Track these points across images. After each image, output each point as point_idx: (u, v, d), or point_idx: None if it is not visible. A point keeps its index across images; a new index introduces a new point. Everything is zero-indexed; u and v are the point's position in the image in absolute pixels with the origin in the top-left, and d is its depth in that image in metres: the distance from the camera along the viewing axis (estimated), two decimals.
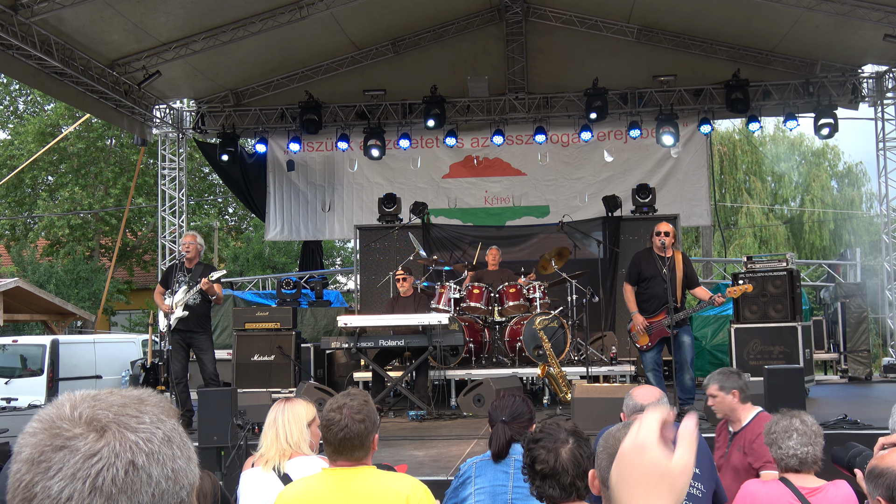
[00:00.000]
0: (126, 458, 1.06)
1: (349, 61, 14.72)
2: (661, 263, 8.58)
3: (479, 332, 10.93)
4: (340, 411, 3.17)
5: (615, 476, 1.20)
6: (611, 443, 2.47)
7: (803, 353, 9.94)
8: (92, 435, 1.06)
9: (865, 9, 11.67)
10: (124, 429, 1.08)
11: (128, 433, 1.08)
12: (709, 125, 14.44)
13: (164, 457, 1.10)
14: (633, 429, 1.21)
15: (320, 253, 18.39)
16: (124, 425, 1.08)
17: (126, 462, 1.06)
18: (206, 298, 9.10)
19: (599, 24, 13.85)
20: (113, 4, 11.07)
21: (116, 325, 29.76)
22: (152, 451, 1.08)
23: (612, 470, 1.21)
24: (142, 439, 1.08)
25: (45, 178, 28.84)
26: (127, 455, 1.06)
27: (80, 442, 1.05)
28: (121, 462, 1.05)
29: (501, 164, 15.53)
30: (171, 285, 9.16)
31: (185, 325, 9.00)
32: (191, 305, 9.00)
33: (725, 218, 27.16)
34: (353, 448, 3.15)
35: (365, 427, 3.15)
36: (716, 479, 3.93)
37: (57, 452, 1.05)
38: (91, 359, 15.44)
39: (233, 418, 6.61)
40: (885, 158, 14.21)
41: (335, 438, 3.16)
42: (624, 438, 1.21)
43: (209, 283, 8.87)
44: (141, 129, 14.47)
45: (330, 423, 3.17)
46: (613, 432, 2.53)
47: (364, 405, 3.22)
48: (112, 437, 1.07)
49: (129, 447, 1.07)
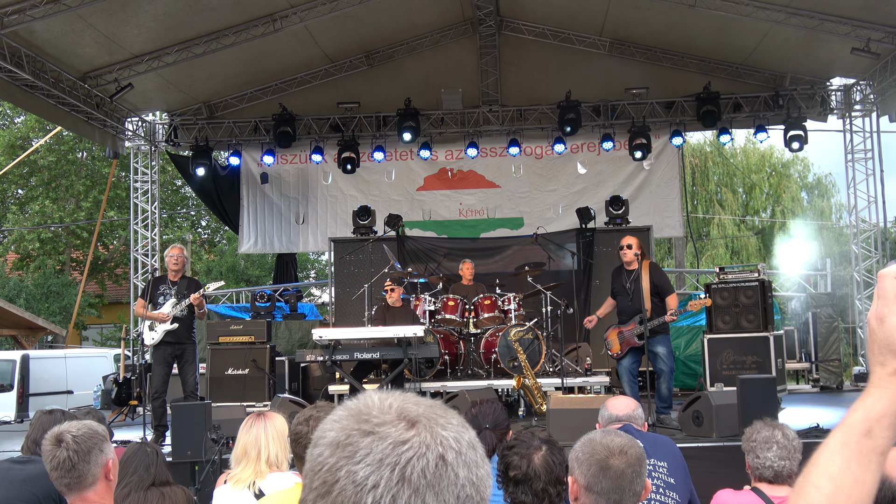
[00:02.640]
0: (437, 451, 1.02)
1: (323, 74, 14.71)
2: (626, 276, 8.78)
3: (455, 344, 10.93)
4: (308, 424, 3.13)
5: (868, 347, 1.31)
6: (592, 449, 2.48)
7: (775, 362, 10.04)
8: (402, 424, 1.03)
9: (833, 23, 11.85)
10: (435, 424, 1.05)
11: (438, 429, 1.04)
12: (680, 137, 14.59)
13: (470, 461, 1.05)
14: (873, 300, 1.29)
15: (294, 266, 18.32)
16: (435, 421, 1.05)
17: (437, 455, 1.02)
18: (192, 311, 9.03)
19: (572, 37, 13.95)
20: (85, 17, 10.99)
21: (88, 340, 29.44)
22: (461, 451, 1.04)
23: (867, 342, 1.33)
24: (452, 437, 1.04)
25: (15, 191, 28.54)
26: (438, 448, 1.02)
27: (390, 429, 1.02)
28: (432, 454, 1.01)
29: (475, 176, 15.57)
30: (155, 298, 9.04)
31: (174, 338, 8.90)
32: (178, 318, 8.92)
33: (697, 229, 27.38)
34: None
35: None
36: (691, 488, 3.96)
37: (365, 437, 1.01)
38: (62, 374, 15.27)
39: (207, 433, 6.56)
40: (853, 170, 14.42)
41: (304, 452, 3.11)
42: None
43: (199, 297, 8.82)
44: (113, 141, 14.37)
45: (298, 436, 3.13)
46: (596, 438, 2.56)
47: None
48: (423, 429, 1.03)
49: (440, 441, 1.03)
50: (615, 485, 2.48)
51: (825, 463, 1.26)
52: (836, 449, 1.25)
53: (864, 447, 1.24)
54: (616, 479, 2.49)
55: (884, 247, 14.21)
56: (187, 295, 8.85)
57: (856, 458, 1.23)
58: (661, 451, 3.89)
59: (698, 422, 7.69)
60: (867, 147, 14.34)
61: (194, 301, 8.79)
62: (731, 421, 7.39)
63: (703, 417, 7.65)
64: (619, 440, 2.58)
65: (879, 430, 1.24)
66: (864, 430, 1.24)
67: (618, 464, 2.51)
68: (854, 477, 1.23)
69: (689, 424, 7.81)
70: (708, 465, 6.52)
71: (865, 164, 14.34)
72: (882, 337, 1.26)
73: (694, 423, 7.73)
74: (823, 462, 1.26)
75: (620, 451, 2.54)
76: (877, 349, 1.27)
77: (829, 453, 1.26)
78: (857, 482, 1.23)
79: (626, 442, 2.59)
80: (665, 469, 3.81)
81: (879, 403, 1.25)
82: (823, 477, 1.24)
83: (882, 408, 1.25)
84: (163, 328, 8.88)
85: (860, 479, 1.23)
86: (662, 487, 3.73)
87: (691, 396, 8.16)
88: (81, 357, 16.87)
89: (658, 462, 3.82)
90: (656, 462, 3.81)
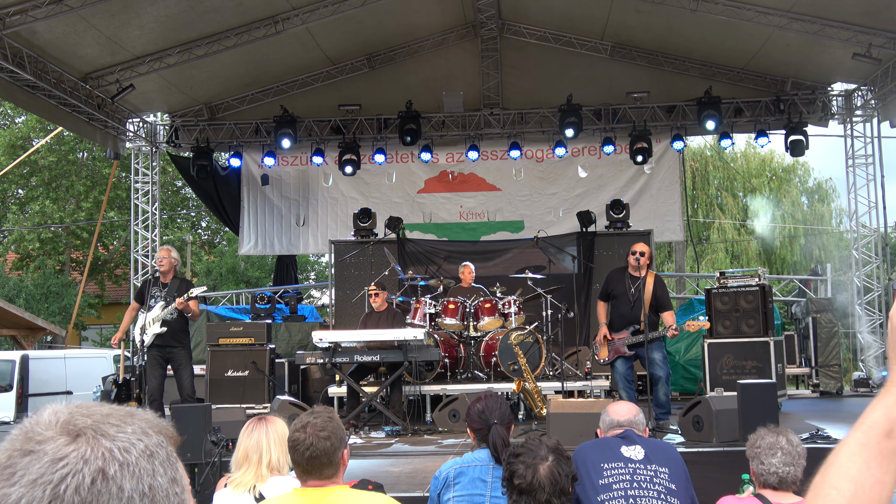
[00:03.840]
0: (96, 465, 0.95)
1: (324, 76, 14.71)
2: (630, 282, 8.73)
3: (455, 348, 10.92)
4: (304, 430, 3.12)
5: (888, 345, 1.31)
6: None
7: (775, 367, 10.03)
8: (63, 439, 0.96)
9: (834, 28, 11.86)
10: (100, 435, 0.98)
11: (103, 440, 0.98)
12: (681, 141, 14.60)
13: (141, 471, 0.98)
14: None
15: (294, 268, 18.31)
16: (101, 432, 0.98)
17: (95, 469, 0.95)
18: (183, 314, 9.03)
19: (574, 40, 13.95)
20: (86, 18, 11.00)
21: (87, 340, 29.42)
22: (127, 462, 0.98)
23: None
24: (118, 448, 0.98)
25: (16, 191, 28.54)
26: (97, 462, 0.96)
27: (49, 446, 0.96)
28: (89, 469, 0.95)
29: (476, 179, 15.57)
30: (147, 301, 9.07)
31: (162, 341, 8.93)
32: (168, 321, 8.93)
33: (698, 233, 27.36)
34: (321, 466, 3.10)
35: (331, 444, 3.09)
36: (692, 494, 3.95)
37: (24, 457, 0.95)
38: (61, 374, 15.25)
39: (207, 435, 6.56)
40: (854, 175, 14.42)
41: (302, 458, 3.10)
42: None
43: (184, 302, 8.80)
44: (114, 142, 14.37)
45: (295, 443, 3.12)
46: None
47: (328, 422, 3.16)
48: (84, 443, 0.97)
49: (101, 454, 0.96)
50: None
51: (845, 464, 1.24)
52: (857, 450, 1.24)
53: (884, 448, 1.23)
54: None
55: (884, 252, 14.22)
56: (177, 296, 8.86)
57: (876, 458, 1.23)
58: (663, 457, 3.88)
59: (698, 427, 7.67)
60: (868, 152, 14.34)
61: (178, 306, 8.80)
62: (731, 426, 7.37)
63: (703, 422, 7.64)
64: None
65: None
66: (884, 431, 1.24)
67: None
68: (875, 478, 1.22)
69: (689, 429, 7.79)
70: (708, 471, 6.51)
71: (866, 169, 14.35)
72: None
73: (694, 428, 7.71)
74: (843, 463, 1.25)
75: None
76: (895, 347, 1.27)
77: (849, 454, 1.25)
78: (878, 483, 1.22)
79: None
80: (666, 475, 3.80)
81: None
82: (843, 479, 1.23)
83: None
84: (152, 331, 8.89)
85: (881, 480, 1.22)
86: (664, 493, 3.72)
87: (691, 401, 8.14)
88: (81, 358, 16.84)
89: (659, 468, 3.81)
90: (657, 468, 3.80)
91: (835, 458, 1.26)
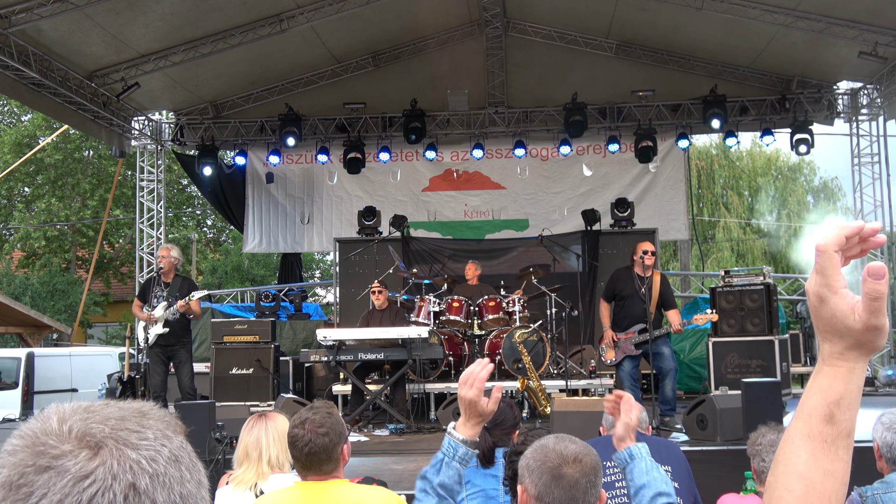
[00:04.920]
0: (126, 480, 0.89)
1: (329, 74, 14.72)
2: (639, 282, 8.71)
3: (459, 346, 10.92)
4: (303, 426, 3.12)
5: (814, 323, 1.21)
6: (545, 456, 2.35)
7: (780, 366, 10.00)
8: (84, 452, 0.89)
9: (840, 26, 11.83)
10: (123, 445, 0.91)
11: (128, 450, 0.91)
12: (686, 140, 14.57)
13: (171, 479, 0.93)
14: (811, 275, 1.20)
15: (299, 266, 18.33)
16: (123, 441, 0.92)
17: (126, 485, 0.89)
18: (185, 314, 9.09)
19: (579, 39, 13.93)
20: (92, 16, 11.02)
21: (93, 338, 29.48)
22: (157, 473, 0.92)
23: None
24: (144, 458, 0.92)
25: (22, 189, 28.60)
26: (127, 477, 0.89)
27: (69, 461, 0.88)
28: (119, 485, 0.88)
29: (481, 177, 15.57)
30: (149, 299, 9.12)
31: (164, 340, 8.98)
32: (170, 321, 8.97)
33: (703, 232, 27.34)
34: (320, 462, 3.10)
35: (330, 440, 3.09)
36: (695, 492, 3.95)
37: (41, 474, 0.87)
38: (67, 372, 15.27)
39: (211, 432, 6.57)
40: (859, 174, 14.39)
41: (301, 454, 3.11)
42: None
43: (185, 304, 8.86)
44: (119, 140, 14.39)
45: (294, 439, 3.12)
46: (549, 444, 2.41)
47: (327, 418, 3.15)
48: (109, 456, 0.89)
49: (129, 467, 0.90)
50: (568, 495, 2.29)
51: (791, 460, 1.19)
52: (800, 442, 1.19)
53: (827, 435, 1.18)
54: (569, 489, 2.29)
55: (890, 251, 14.17)
56: (179, 297, 8.92)
57: (821, 448, 1.18)
58: (665, 455, 3.88)
59: (703, 425, 7.67)
60: (874, 151, 14.32)
61: (181, 308, 8.90)
62: (735, 424, 7.36)
63: (707, 421, 7.63)
64: (573, 447, 2.38)
65: (840, 412, 1.17)
66: (824, 416, 1.18)
67: (571, 473, 2.30)
68: (824, 469, 1.17)
69: (693, 428, 7.79)
70: (712, 469, 6.50)
71: (872, 168, 14.32)
72: (826, 317, 1.17)
73: (698, 427, 7.71)
74: (790, 459, 1.20)
75: (574, 459, 2.33)
76: (822, 328, 1.19)
77: (793, 448, 1.20)
78: (828, 474, 1.17)
79: (580, 449, 2.39)
80: (669, 473, 3.79)
81: (836, 384, 1.18)
82: (792, 477, 1.18)
83: (839, 388, 1.18)
84: (154, 331, 8.94)
85: (830, 471, 1.17)
86: None
87: (696, 400, 8.14)
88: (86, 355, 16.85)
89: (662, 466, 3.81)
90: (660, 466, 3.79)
91: (781, 455, 1.21)
